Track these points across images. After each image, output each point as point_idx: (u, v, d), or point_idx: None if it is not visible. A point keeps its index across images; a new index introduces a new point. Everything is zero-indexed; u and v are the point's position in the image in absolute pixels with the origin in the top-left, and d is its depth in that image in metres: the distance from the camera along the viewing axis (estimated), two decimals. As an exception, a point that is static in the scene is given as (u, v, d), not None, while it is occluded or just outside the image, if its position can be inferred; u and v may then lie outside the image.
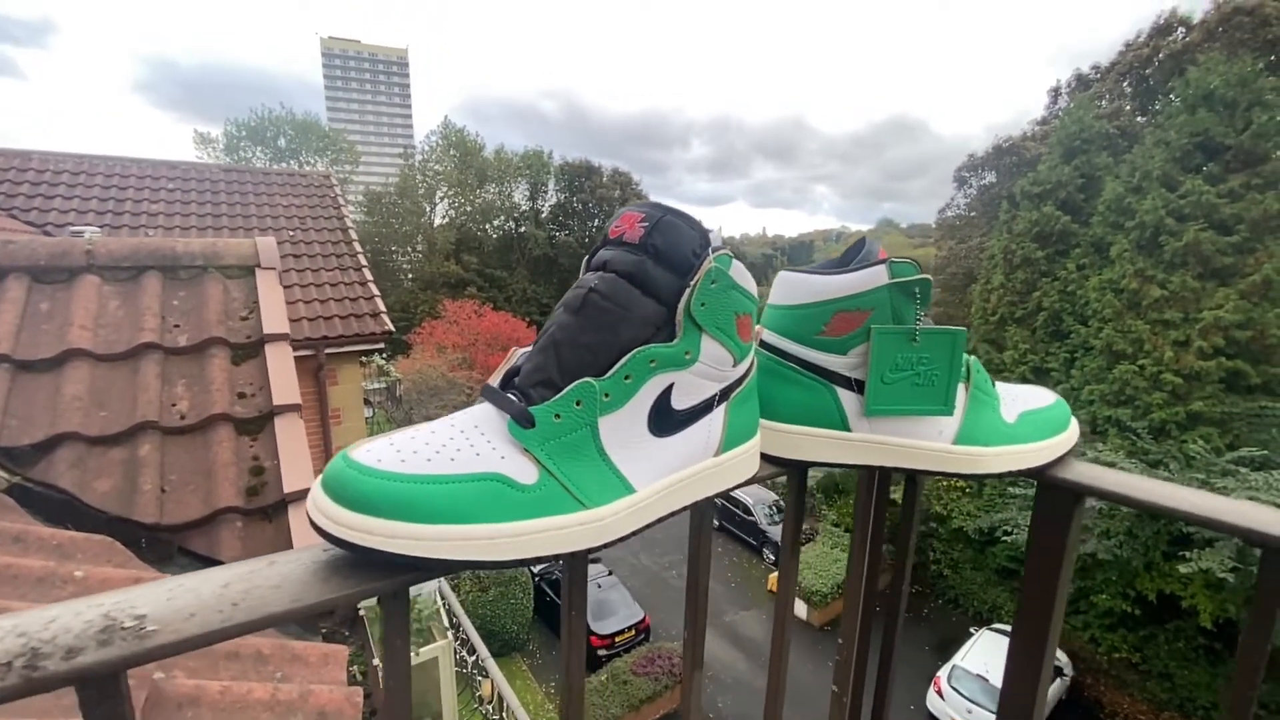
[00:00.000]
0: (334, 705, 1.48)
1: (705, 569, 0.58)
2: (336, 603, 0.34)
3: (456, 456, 0.38)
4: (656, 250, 0.43)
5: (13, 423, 1.81)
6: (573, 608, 0.48)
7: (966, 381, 0.57)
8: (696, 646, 0.59)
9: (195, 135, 30.58)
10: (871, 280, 0.52)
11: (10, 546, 1.44)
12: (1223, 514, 0.49)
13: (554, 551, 0.38)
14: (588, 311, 0.42)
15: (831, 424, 0.55)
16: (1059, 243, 13.14)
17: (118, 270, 2.37)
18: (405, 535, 0.34)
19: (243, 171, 8.73)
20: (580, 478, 0.40)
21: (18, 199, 6.05)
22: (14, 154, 6.57)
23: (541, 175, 35.75)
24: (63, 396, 1.93)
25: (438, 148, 34.13)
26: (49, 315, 2.10)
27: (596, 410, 0.40)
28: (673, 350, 0.43)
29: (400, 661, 0.39)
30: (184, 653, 0.31)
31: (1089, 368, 11.59)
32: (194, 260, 2.53)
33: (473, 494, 0.36)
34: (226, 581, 0.33)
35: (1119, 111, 15.34)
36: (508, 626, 10.30)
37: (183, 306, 2.38)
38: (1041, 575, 0.61)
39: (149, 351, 2.13)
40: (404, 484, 0.35)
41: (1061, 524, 0.59)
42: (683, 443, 0.46)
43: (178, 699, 1.29)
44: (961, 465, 0.56)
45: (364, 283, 7.44)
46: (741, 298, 0.46)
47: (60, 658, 0.28)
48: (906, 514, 0.73)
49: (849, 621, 0.78)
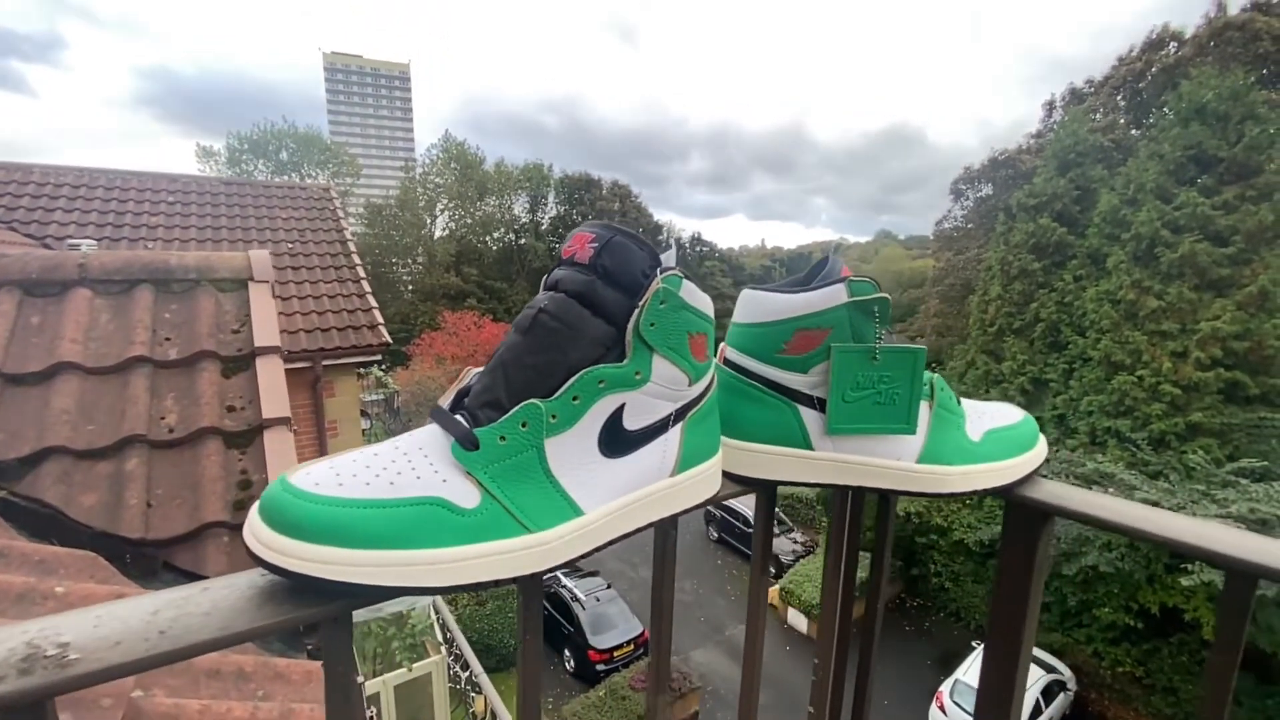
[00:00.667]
0: (315, 725, 1.45)
1: (669, 588, 0.57)
2: (269, 629, 0.34)
3: (396, 480, 0.37)
4: (606, 271, 0.42)
5: (2, 435, 1.80)
6: (527, 631, 0.47)
7: (930, 400, 0.56)
8: (661, 669, 0.59)
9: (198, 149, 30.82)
10: (830, 299, 0.52)
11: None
12: (1186, 536, 0.49)
13: (496, 576, 0.38)
14: (536, 332, 0.42)
15: (794, 442, 0.55)
16: (1055, 254, 13.20)
17: (110, 283, 2.37)
18: (340, 561, 0.33)
19: (243, 184, 8.78)
20: (525, 501, 0.39)
21: (18, 212, 6.09)
22: (15, 167, 6.62)
23: (542, 188, 35.99)
24: (51, 410, 1.92)
25: (438, 161, 34.39)
26: (40, 329, 2.10)
27: (543, 432, 0.40)
28: (622, 370, 0.43)
29: (345, 689, 0.39)
30: (109, 681, 0.30)
31: (1087, 379, 11.58)
32: (187, 273, 2.53)
33: (411, 518, 0.36)
34: (156, 609, 0.32)
35: (1113, 125, 15.48)
36: (505, 641, 10.20)
37: (174, 320, 2.38)
38: (1011, 595, 0.61)
39: (139, 365, 2.13)
40: (340, 508, 0.35)
41: (1029, 543, 0.59)
42: (636, 463, 0.45)
43: (155, 718, 1.27)
44: (926, 484, 0.56)
45: (362, 295, 7.45)
46: (694, 317, 0.45)
47: (-25, 688, 0.27)
48: (880, 533, 0.73)
49: (825, 641, 0.77)
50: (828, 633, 0.76)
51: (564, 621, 10.92)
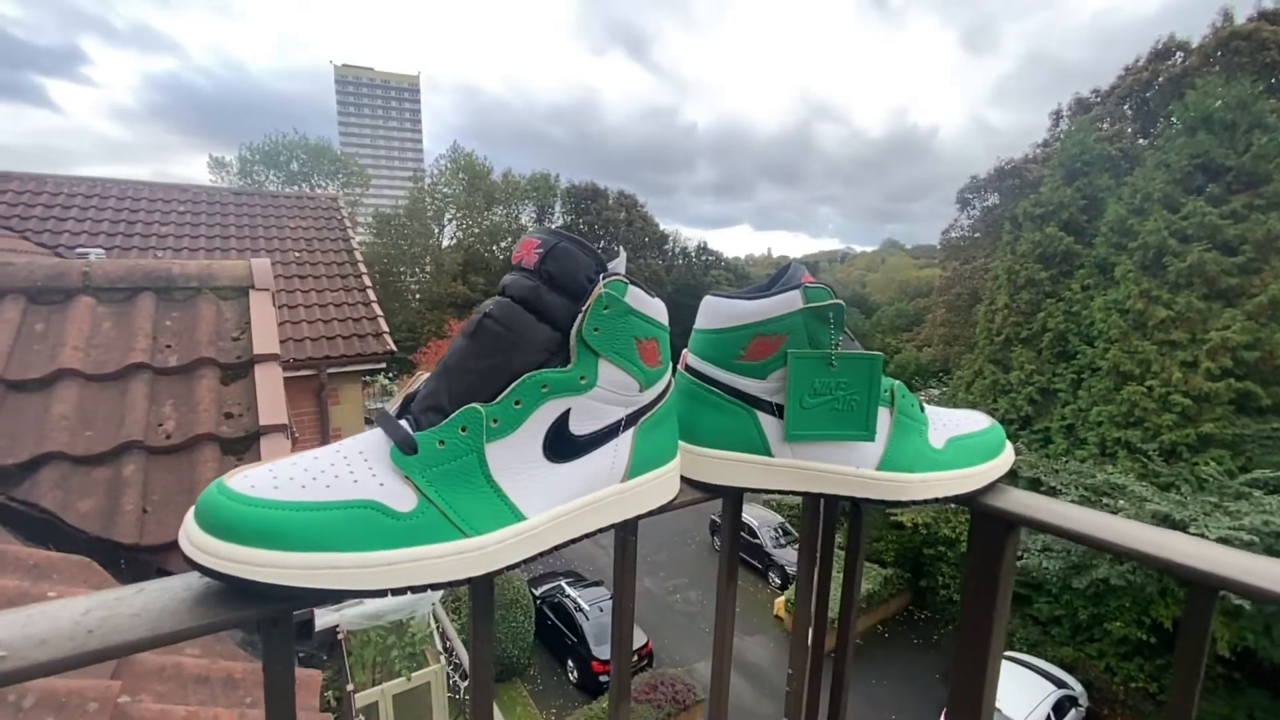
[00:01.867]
0: (302, 732, 1.45)
1: (630, 594, 0.57)
2: (200, 631, 0.34)
3: (333, 484, 0.37)
4: (551, 276, 0.43)
5: (2, 441, 1.82)
6: (478, 636, 0.47)
7: (890, 406, 0.56)
8: (623, 676, 0.58)
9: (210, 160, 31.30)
10: (786, 305, 0.52)
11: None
12: (1146, 546, 0.48)
13: (429, 581, 0.38)
14: (480, 337, 0.42)
15: (753, 449, 0.55)
16: (1063, 263, 13.12)
17: (113, 291, 2.40)
18: (271, 564, 0.34)
19: (252, 194, 8.90)
20: (463, 505, 0.39)
21: (31, 221, 6.19)
22: (29, 177, 6.74)
23: (548, 198, 36.25)
24: (50, 416, 1.94)
25: (446, 171, 34.74)
26: (42, 336, 2.13)
27: (483, 436, 0.40)
28: (566, 375, 0.43)
29: (282, 693, 0.39)
30: (34, 679, 0.30)
31: (1096, 389, 11.47)
32: (188, 281, 2.56)
33: (343, 521, 0.36)
34: (87, 609, 0.33)
35: (1120, 134, 15.43)
36: (508, 650, 10.15)
37: (175, 327, 2.41)
38: (977, 606, 0.60)
39: (138, 371, 2.15)
40: (273, 511, 0.35)
41: (994, 554, 0.58)
42: (584, 469, 0.45)
43: (141, 725, 1.27)
44: (886, 491, 0.55)
45: (368, 303, 7.51)
46: (641, 323, 0.46)
47: (-105, 687, 0.28)
48: (852, 542, 0.72)
49: (799, 652, 0.76)
50: (801, 642, 0.76)
51: (568, 632, 10.85)
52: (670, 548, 15.38)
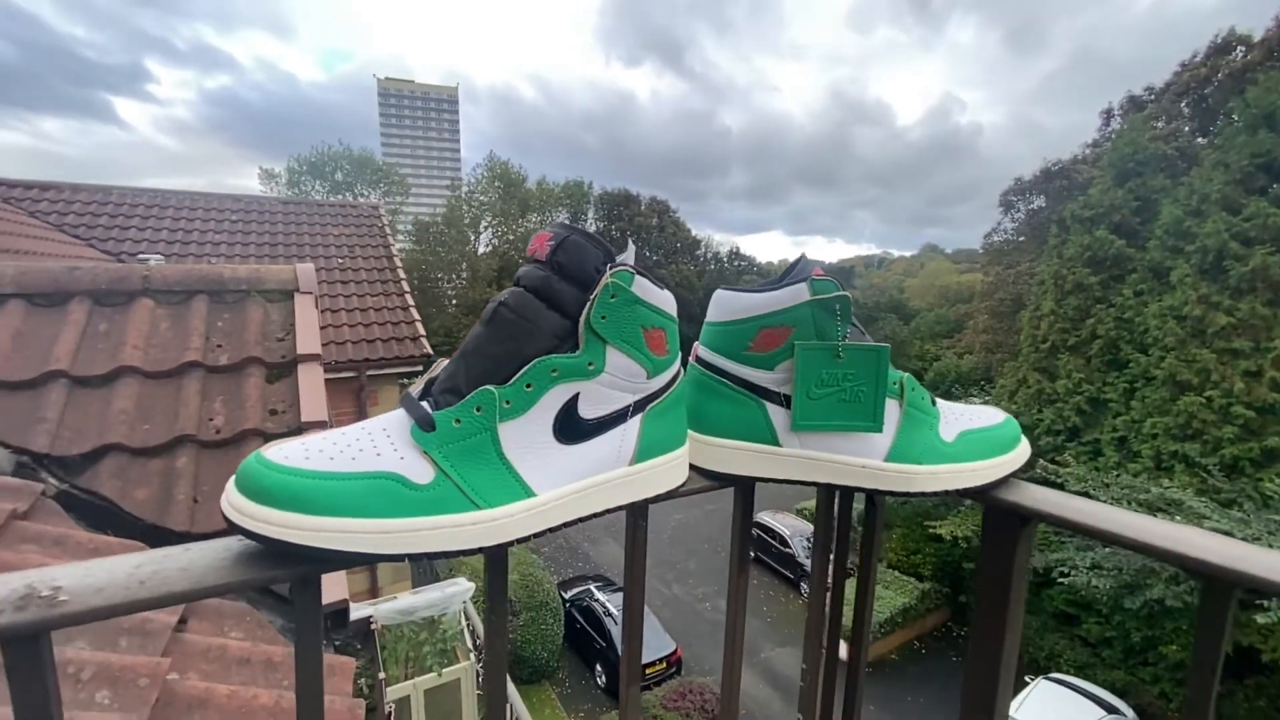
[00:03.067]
0: (336, 715, 1.51)
1: (640, 579, 0.59)
2: (237, 586, 0.37)
3: (358, 456, 0.41)
4: (561, 266, 0.45)
5: (66, 434, 1.96)
6: (493, 603, 0.50)
7: (900, 399, 0.56)
8: (633, 660, 0.60)
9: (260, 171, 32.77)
10: (793, 297, 0.53)
11: (51, 548, 1.54)
12: (1160, 540, 0.47)
13: (444, 548, 0.40)
14: (495, 323, 0.45)
15: (761, 439, 0.56)
16: (1114, 268, 12.58)
17: (170, 294, 2.55)
18: (300, 526, 0.37)
19: (299, 204, 9.29)
20: (477, 480, 0.42)
21: (97, 230, 6.60)
22: (96, 189, 7.20)
23: (581, 204, 36.67)
24: (111, 410, 2.07)
25: (483, 179, 35.52)
26: (106, 335, 2.27)
27: (496, 416, 0.43)
28: (575, 361, 0.45)
29: (310, 650, 0.42)
30: (90, 622, 0.34)
31: (1151, 399, 10.92)
32: (239, 285, 2.70)
33: (366, 490, 0.39)
34: (140, 564, 0.36)
35: (1176, 132, 14.71)
36: (538, 653, 10.23)
37: (226, 328, 2.54)
38: (991, 604, 0.59)
39: (192, 369, 2.28)
40: (303, 479, 0.38)
41: (1007, 548, 0.57)
42: (592, 451, 0.47)
43: (188, 700, 1.35)
44: (894, 483, 0.56)
45: (406, 307, 7.73)
46: (648, 312, 0.48)
47: (-22, 619, 0.32)
48: (866, 537, 0.72)
49: (812, 648, 0.76)
50: (815, 638, 0.76)
51: (596, 636, 10.88)
52: (700, 556, 15.27)
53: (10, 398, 1.99)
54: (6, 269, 2.27)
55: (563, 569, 14.31)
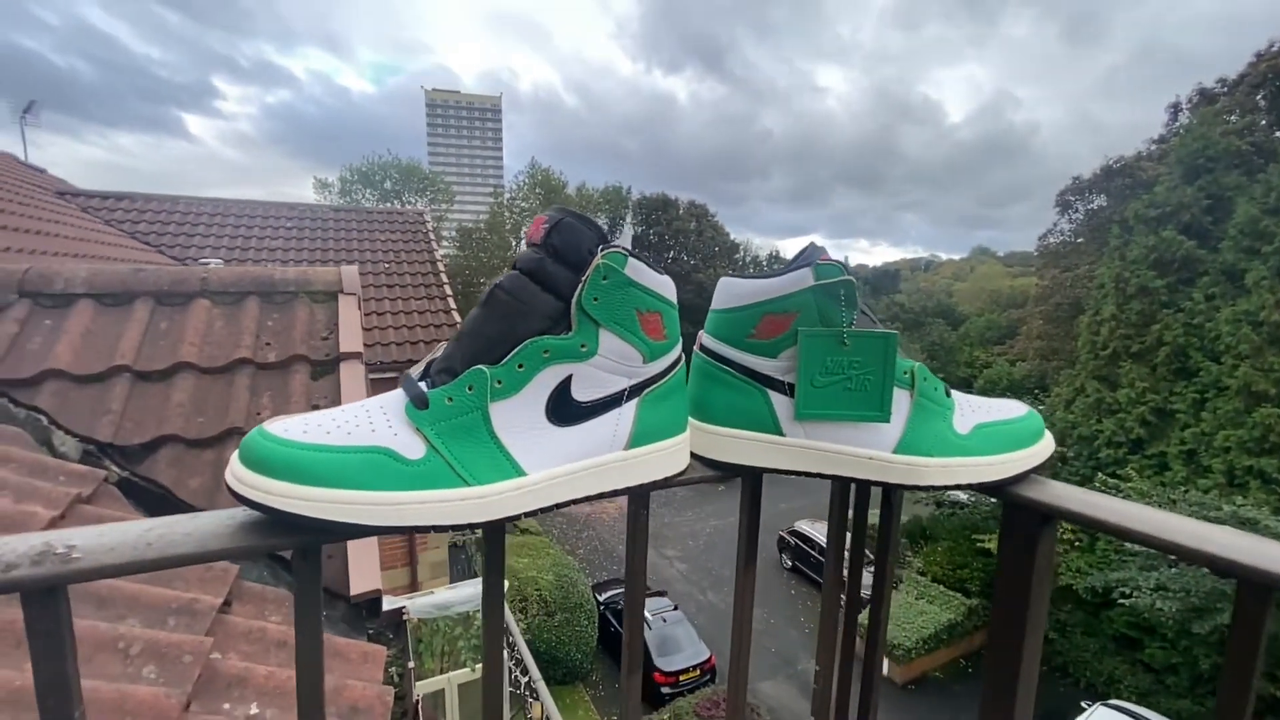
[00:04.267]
0: (365, 702, 1.56)
1: (641, 568, 0.58)
2: (236, 553, 0.39)
3: (354, 432, 0.42)
4: (555, 249, 0.46)
5: (128, 424, 2.09)
6: (490, 586, 0.50)
7: (911, 389, 0.54)
8: (634, 648, 0.60)
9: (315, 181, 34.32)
10: (796, 283, 0.52)
11: (110, 530, 1.64)
12: (1188, 539, 0.44)
13: (432, 522, 0.41)
14: (490, 304, 0.45)
15: (764, 428, 0.55)
16: (1182, 270, 11.83)
17: (225, 295, 2.69)
18: (295, 495, 0.38)
19: (349, 211, 9.69)
20: (467, 457, 0.43)
21: (165, 237, 7.05)
22: (164, 199, 7.69)
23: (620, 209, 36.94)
24: (170, 403, 2.20)
25: (524, 186, 36.24)
26: (166, 333, 2.42)
27: (487, 395, 0.43)
28: (567, 342, 0.45)
29: (310, 621, 0.43)
30: (103, 578, 0.36)
31: (1223, 410, 10.21)
32: (287, 286, 2.83)
33: (358, 463, 0.40)
34: (150, 528, 0.38)
35: (1251, 126, 13.74)
36: (571, 654, 10.29)
37: (275, 327, 2.66)
38: (1009, 609, 0.56)
39: (243, 366, 2.40)
40: (299, 450, 0.40)
41: (1027, 547, 0.54)
42: (586, 433, 0.47)
43: (227, 678, 1.41)
44: (901, 475, 0.53)
45: (448, 310, 7.94)
46: (642, 295, 0.47)
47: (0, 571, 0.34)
48: (883, 533, 0.70)
49: (826, 648, 0.74)
50: (829, 639, 0.74)
51: (630, 639, 10.86)
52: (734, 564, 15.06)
53: (80, 390, 2.14)
54: (79, 271, 2.45)
55: (597, 571, 14.36)
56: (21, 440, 1.88)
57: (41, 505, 1.58)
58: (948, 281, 65.70)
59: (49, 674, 0.38)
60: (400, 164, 33.68)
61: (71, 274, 2.45)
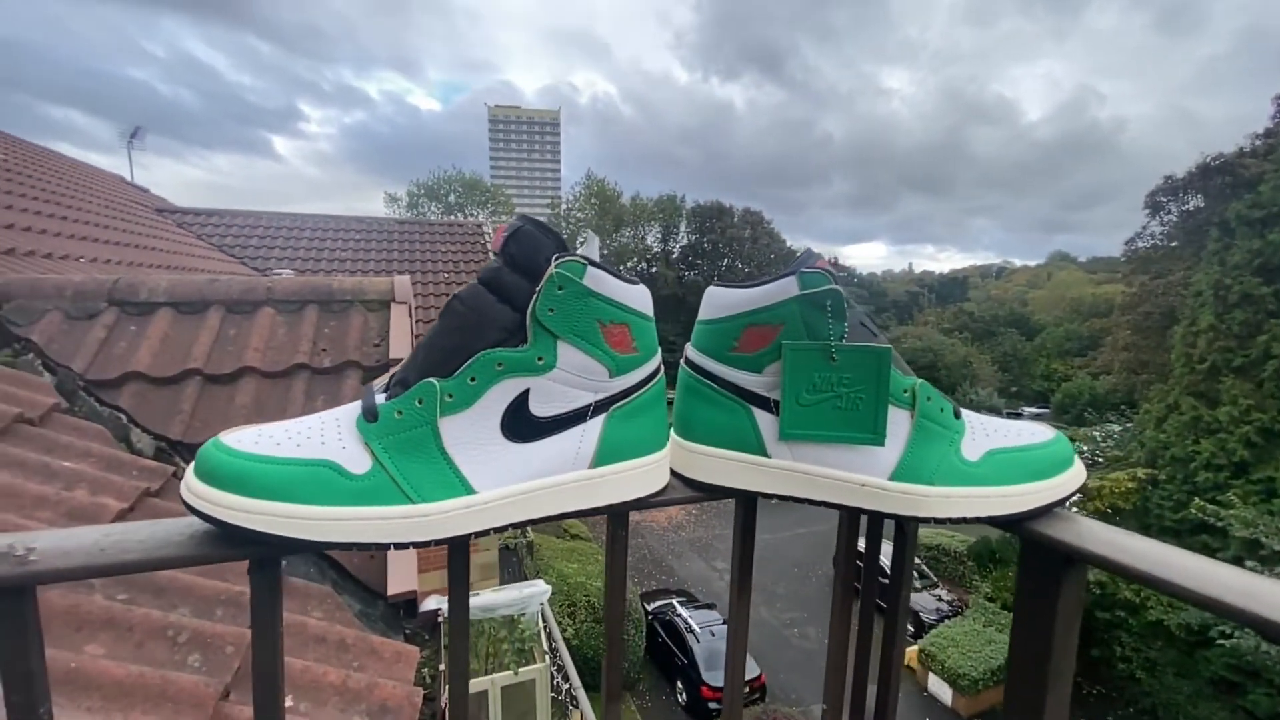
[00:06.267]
0: (395, 701, 1.59)
1: (620, 590, 0.56)
2: (184, 561, 0.39)
3: (303, 444, 0.41)
4: (512, 258, 0.44)
5: (196, 424, 2.24)
6: (455, 599, 0.49)
7: (911, 409, 0.49)
8: (613, 675, 0.57)
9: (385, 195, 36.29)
10: (780, 292, 0.48)
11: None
12: (1239, 598, 0.37)
13: (373, 540, 0.40)
14: (446, 316, 0.44)
15: (748, 448, 0.51)
16: (1294, 276, 10.67)
17: (288, 303, 2.86)
18: (234, 506, 0.38)
19: (413, 223, 10.16)
20: (413, 473, 0.41)
21: (248, 249, 7.60)
22: (248, 214, 8.31)
23: (674, 218, 37.03)
24: (234, 405, 2.34)
25: (580, 197, 36.96)
26: (234, 339, 2.58)
27: (437, 410, 0.42)
28: (522, 355, 0.43)
29: (267, 634, 0.43)
30: (53, 582, 0.37)
31: (1346, 433, 9.09)
32: (344, 295, 2.97)
33: (301, 477, 0.40)
34: (107, 533, 0.39)
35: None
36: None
37: (331, 334, 2.80)
38: (1028, 661, 0.50)
39: (300, 371, 2.53)
40: (246, 462, 0.39)
41: (1047, 593, 0.48)
42: (545, 450, 0.45)
43: (265, 670, 1.47)
44: (897, 505, 0.48)
45: (501, 318, 8.16)
46: (605, 306, 0.45)
47: (-42, 572, 0.35)
48: (896, 563, 0.64)
49: (834, 683, 0.69)
50: (838, 672, 0.68)
51: (678, 652, 10.73)
52: (789, 580, 14.65)
53: (156, 391, 2.32)
54: (161, 281, 2.66)
55: (646, 580, 14.29)
56: (103, 437, 2.05)
57: (113, 498, 1.70)
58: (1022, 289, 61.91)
59: (16, 672, 0.39)
60: (464, 178, 35.11)
61: (154, 284, 2.67)
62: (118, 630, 1.31)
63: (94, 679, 1.15)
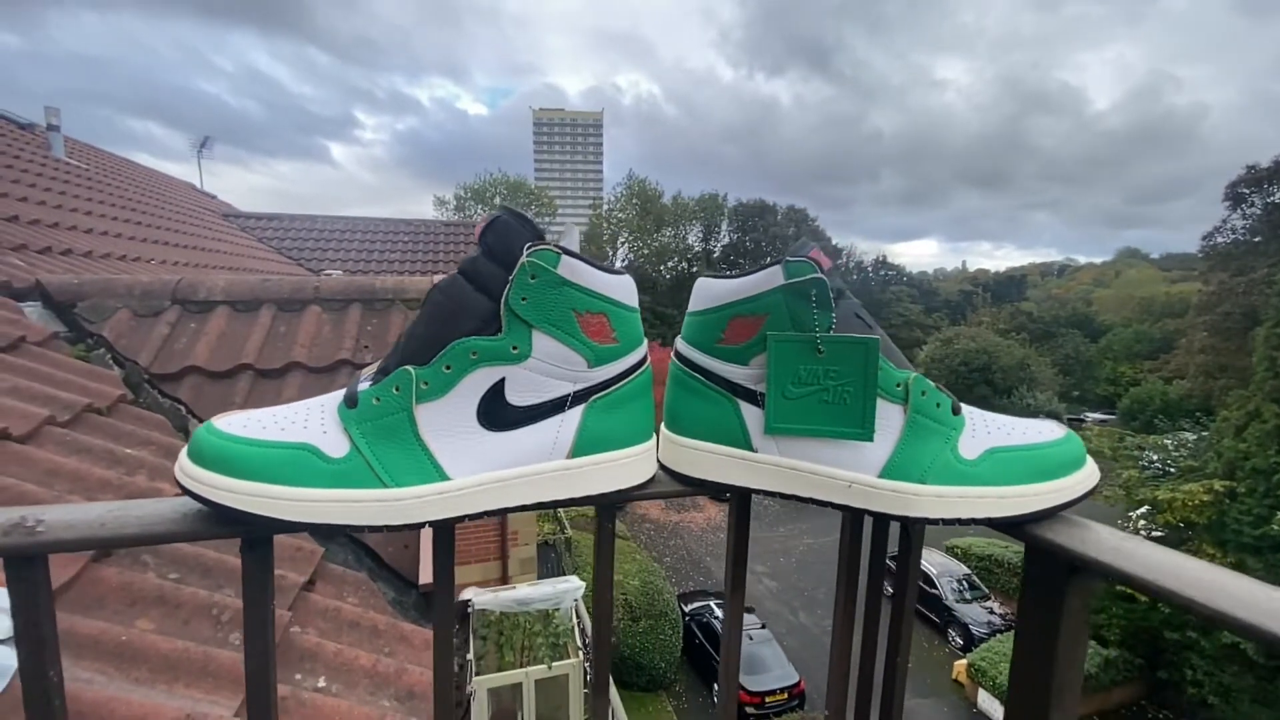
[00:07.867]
0: (421, 687, 1.64)
1: (607, 582, 0.55)
2: (177, 537, 0.42)
3: (288, 428, 0.43)
4: (489, 248, 0.44)
5: (246, 416, 2.36)
6: (440, 589, 0.50)
7: (904, 403, 0.47)
8: (601, 668, 0.57)
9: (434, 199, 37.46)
10: (766, 282, 0.47)
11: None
12: (1255, 614, 0.34)
13: (347, 522, 0.41)
14: (426, 306, 0.45)
15: (734, 441, 0.50)
16: (1401, 272, 9.71)
17: (333, 302, 2.98)
18: (219, 486, 0.40)
19: (457, 225, 10.47)
20: (389, 458, 0.42)
21: (305, 251, 7.99)
22: (305, 218, 8.72)
23: (715, 217, 36.78)
24: (282, 399, 2.46)
25: (622, 198, 37.17)
26: (283, 336, 2.71)
27: (412, 397, 0.43)
28: (496, 344, 0.44)
29: (258, 613, 0.45)
30: (58, 552, 0.40)
31: None
32: (386, 294, 3.08)
33: (282, 458, 0.41)
34: (110, 509, 0.42)
35: None
36: (655, 662, 10.26)
37: (373, 331, 2.90)
38: (1030, 675, 0.47)
39: (343, 366, 2.63)
40: (231, 444, 0.41)
41: (1050, 603, 0.45)
42: (521, 439, 0.45)
43: (301, 651, 1.54)
44: (886, 504, 0.46)
45: (541, 317, 8.30)
46: (580, 295, 0.45)
47: (-25, 541, 0.38)
48: (902, 568, 0.61)
49: (836, 693, 0.66)
50: (840, 681, 0.66)
51: (714, 653, 10.65)
52: (831, 584, 14.31)
53: (212, 385, 2.46)
54: (219, 281, 2.82)
55: (684, 581, 14.24)
56: (163, 426, 2.19)
57: (168, 484, 1.82)
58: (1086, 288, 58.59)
59: (29, 636, 0.42)
60: (509, 180, 35.90)
61: (213, 284, 2.83)
62: (168, 607, 1.39)
63: (142, 651, 1.22)
